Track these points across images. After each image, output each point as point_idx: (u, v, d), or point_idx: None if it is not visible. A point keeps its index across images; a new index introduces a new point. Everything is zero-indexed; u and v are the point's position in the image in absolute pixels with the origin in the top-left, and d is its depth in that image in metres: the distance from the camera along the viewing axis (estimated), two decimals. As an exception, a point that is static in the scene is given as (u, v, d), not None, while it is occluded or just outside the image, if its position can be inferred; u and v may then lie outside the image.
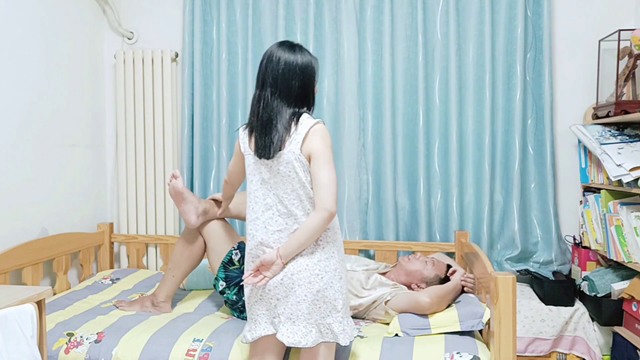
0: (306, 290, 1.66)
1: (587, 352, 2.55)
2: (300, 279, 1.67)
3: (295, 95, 1.70)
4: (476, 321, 1.98)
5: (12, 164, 2.40)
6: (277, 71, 1.69)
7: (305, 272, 1.67)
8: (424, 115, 2.86)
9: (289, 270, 1.68)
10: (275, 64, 1.70)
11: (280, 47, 1.73)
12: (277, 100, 1.69)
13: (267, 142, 1.69)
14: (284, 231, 1.70)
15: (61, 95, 2.75)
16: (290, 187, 1.69)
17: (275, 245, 1.70)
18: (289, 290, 1.67)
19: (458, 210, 2.87)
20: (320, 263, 1.68)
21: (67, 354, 1.96)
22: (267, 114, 1.70)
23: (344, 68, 2.90)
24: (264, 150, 1.70)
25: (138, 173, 3.09)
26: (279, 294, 1.69)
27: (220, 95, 3.00)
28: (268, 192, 1.72)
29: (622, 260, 2.37)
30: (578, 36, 2.85)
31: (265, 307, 1.72)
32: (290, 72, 1.69)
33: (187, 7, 3.01)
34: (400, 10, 2.88)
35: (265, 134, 1.69)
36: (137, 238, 3.07)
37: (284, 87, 1.69)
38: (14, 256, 2.30)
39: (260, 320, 1.74)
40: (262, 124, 1.70)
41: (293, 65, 1.70)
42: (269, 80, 1.70)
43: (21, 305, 1.59)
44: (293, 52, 1.72)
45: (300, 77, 1.70)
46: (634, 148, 2.47)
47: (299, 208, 1.69)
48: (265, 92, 1.71)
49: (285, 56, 1.70)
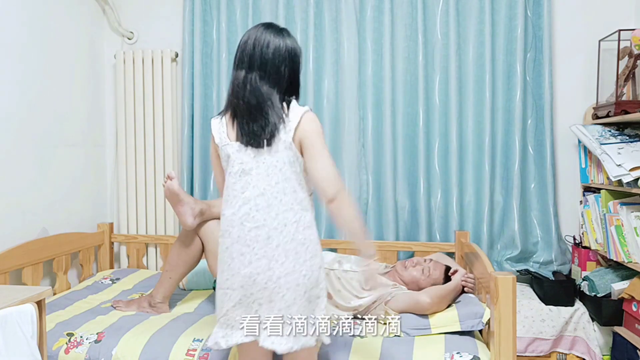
0: (295, 293, 1.56)
1: (587, 352, 2.55)
2: (288, 282, 1.56)
3: (284, 82, 1.61)
4: (476, 321, 1.98)
5: (12, 164, 2.40)
6: (266, 55, 1.59)
7: (292, 274, 1.56)
8: (424, 115, 2.86)
9: (274, 274, 1.56)
10: (264, 47, 1.59)
11: (268, 29, 1.63)
12: (266, 86, 1.59)
13: (256, 129, 1.58)
14: (262, 228, 1.57)
15: (61, 95, 2.75)
16: (275, 179, 1.58)
17: (253, 243, 1.57)
18: (275, 294, 1.56)
19: (458, 210, 2.87)
20: (306, 263, 1.58)
21: (67, 354, 1.96)
22: (255, 98, 1.58)
23: (344, 68, 2.90)
24: (252, 138, 1.58)
25: (138, 173, 3.08)
26: (262, 298, 1.57)
27: (220, 95, 3.00)
28: (247, 185, 1.59)
29: (622, 260, 2.37)
30: (578, 36, 2.84)
31: (244, 311, 1.60)
32: (280, 57, 1.60)
33: (187, 7, 3.01)
34: (400, 10, 2.88)
35: (254, 120, 1.58)
36: (137, 238, 3.06)
37: (274, 72, 1.59)
38: (14, 256, 2.30)
39: (237, 326, 1.61)
40: (248, 108, 1.59)
41: (282, 50, 1.60)
42: (256, 63, 1.59)
43: (21, 305, 1.59)
44: (281, 36, 1.63)
45: (289, 63, 1.62)
46: (634, 148, 2.47)
47: (282, 202, 1.57)
48: (251, 75, 1.59)
49: (274, 40, 1.60)
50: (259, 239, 1.57)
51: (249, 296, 1.58)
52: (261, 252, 1.57)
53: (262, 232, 1.57)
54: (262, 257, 1.56)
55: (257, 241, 1.57)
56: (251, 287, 1.57)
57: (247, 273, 1.57)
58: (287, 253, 1.56)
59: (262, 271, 1.56)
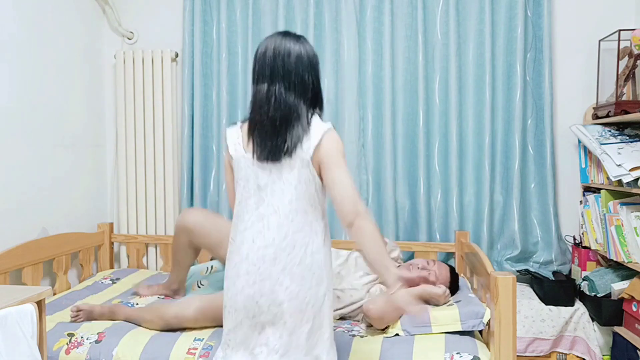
0: (297, 320, 1.50)
1: (587, 352, 2.55)
2: (290, 308, 1.49)
3: (310, 91, 1.54)
4: (477, 321, 1.98)
5: (12, 164, 2.40)
6: (289, 64, 1.51)
7: (295, 300, 1.49)
8: (424, 115, 2.86)
9: (278, 298, 1.49)
10: (285, 56, 1.51)
11: (285, 37, 1.55)
12: (292, 97, 1.51)
13: (279, 143, 1.50)
14: (270, 247, 1.50)
15: (61, 95, 2.75)
16: (288, 197, 1.51)
17: (259, 263, 1.51)
18: (277, 319, 1.50)
19: (458, 210, 2.87)
20: (311, 290, 1.51)
21: (67, 355, 1.96)
22: (282, 112, 1.50)
23: (344, 68, 2.90)
24: (272, 152, 1.51)
25: (138, 173, 3.08)
26: (264, 322, 1.51)
27: (220, 95, 3.00)
28: (262, 201, 1.53)
29: (622, 260, 2.37)
30: (578, 36, 2.84)
31: (246, 333, 1.54)
32: (303, 65, 1.53)
33: (187, 7, 3.01)
34: (400, 10, 2.88)
35: (278, 134, 1.50)
36: (137, 238, 3.06)
37: (299, 81, 1.52)
38: (14, 256, 2.30)
39: (238, 348, 1.55)
40: (272, 123, 1.50)
41: (304, 58, 1.54)
42: (279, 74, 1.51)
43: (21, 305, 1.59)
44: (300, 43, 1.56)
45: (312, 71, 1.55)
46: (634, 148, 2.47)
47: (294, 222, 1.51)
48: (275, 87, 1.51)
49: (295, 48, 1.53)
50: (266, 259, 1.51)
51: (251, 318, 1.52)
52: (266, 272, 1.50)
53: (270, 252, 1.50)
54: (266, 278, 1.50)
55: (263, 261, 1.51)
56: (253, 309, 1.51)
57: (251, 294, 1.51)
58: (292, 277, 1.50)
59: (266, 294, 1.50)
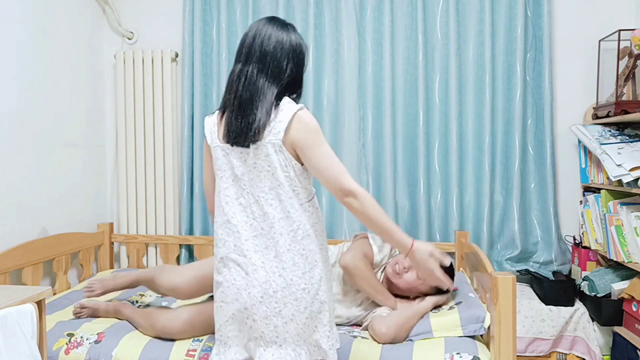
0: (294, 309, 1.46)
1: (587, 352, 2.55)
2: (285, 297, 1.45)
3: (285, 78, 1.50)
4: (478, 325, 1.97)
5: (12, 164, 2.40)
6: (267, 47, 1.48)
7: (290, 287, 1.45)
8: (424, 115, 2.86)
9: (271, 287, 1.45)
10: (265, 39, 1.49)
11: (271, 22, 1.52)
12: (263, 79, 1.48)
13: (242, 125, 1.46)
14: (260, 237, 1.48)
15: (61, 95, 2.75)
16: (268, 184, 1.47)
17: (250, 253, 1.47)
18: (271, 309, 1.45)
19: (458, 210, 2.87)
20: (305, 275, 1.47)
21: (67, 355, 1.96)
22: (249, 92, 1.47)
23: (344, 68, 2.90)
24: (238, 135, 1.47)
25: (138, 173, 3.08)
26: (256, 313, 1.46)
27: (220, 95, 3.00)
28: (242, 191, 1.50)
29: (622, 260, 2.37)
30: (578, 36, 2.84)
31: (237, 327, 1.51)
32: (283, 50, 1.49)
33: (187, 7, 3.01)
34: (400, 10, 2.88)
35: (242, 115, 1.46)
36: (137, 238, 3.06)
37: (274, 66, 1.48)
38: (14, 256, 2.30)
39: (231, 344, 1.53)
40: (239, 103, 1.47)
41: (286, 45, 1.50)
42: (255, 55, 1.49)
43: (21, 305, 1.59)
44: (286, 30, 1.52)
45: (292, 59, 1.51)
46: (634, 148, 2.47)
47: (277, 209, 1.47)
48: (248, 68, 1.49)
49: (277, 33, 1.50)
50: (257, 249, 1.48)
51: (242, 311, 1.48)
52: (259, 262, 1.47)
53: (260, 242, 1.48)
54: (259, 267, 1.47)
55: (255, 251, 1.48)
56: (246, 301, 1.47)
57: (242, 285, 1.48)
58: (284, 265, 1.46)
59: (258, 284, 1.46)
